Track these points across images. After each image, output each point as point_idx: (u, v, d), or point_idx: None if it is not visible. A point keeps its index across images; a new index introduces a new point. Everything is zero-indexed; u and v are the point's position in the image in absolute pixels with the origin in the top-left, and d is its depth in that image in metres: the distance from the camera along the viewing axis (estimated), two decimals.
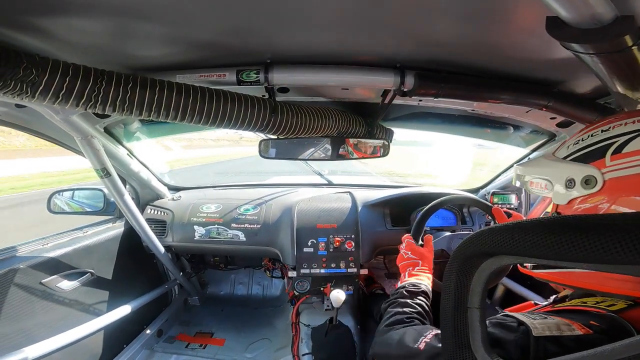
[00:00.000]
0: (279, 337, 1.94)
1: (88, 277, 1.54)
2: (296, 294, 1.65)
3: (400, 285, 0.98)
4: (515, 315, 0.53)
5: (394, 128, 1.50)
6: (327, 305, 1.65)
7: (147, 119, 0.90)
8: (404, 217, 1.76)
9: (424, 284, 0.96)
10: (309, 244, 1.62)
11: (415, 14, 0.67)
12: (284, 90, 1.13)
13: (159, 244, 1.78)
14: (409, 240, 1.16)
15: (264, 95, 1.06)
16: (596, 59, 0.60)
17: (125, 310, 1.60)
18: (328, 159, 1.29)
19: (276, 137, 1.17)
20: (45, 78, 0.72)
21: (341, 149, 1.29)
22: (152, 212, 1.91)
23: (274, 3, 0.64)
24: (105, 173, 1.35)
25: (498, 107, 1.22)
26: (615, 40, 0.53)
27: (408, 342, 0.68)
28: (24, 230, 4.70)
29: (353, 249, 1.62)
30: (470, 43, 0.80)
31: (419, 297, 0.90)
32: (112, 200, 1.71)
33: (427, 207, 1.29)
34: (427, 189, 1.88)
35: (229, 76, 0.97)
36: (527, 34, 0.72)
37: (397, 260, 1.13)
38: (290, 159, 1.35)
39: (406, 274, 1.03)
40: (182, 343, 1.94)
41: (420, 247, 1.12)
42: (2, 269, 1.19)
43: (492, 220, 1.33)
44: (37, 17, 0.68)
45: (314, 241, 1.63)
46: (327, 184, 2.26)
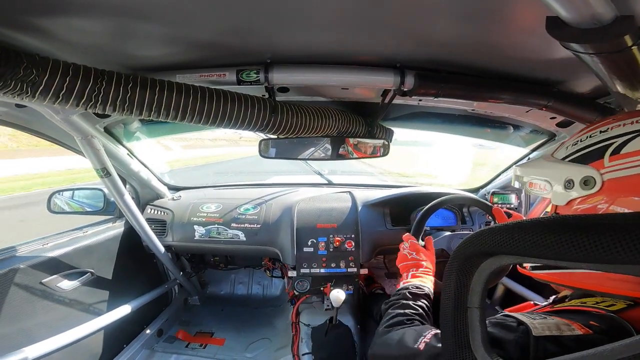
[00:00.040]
0: (279, 336, 1.94)
1: (88, 277, 1.54)
2: (296, 293, 1.65)
3: (402, 286, 0.96)
4: (515, 315, 0.53)
5: (394, 128, 1.50)
6: (327, 305, 1.65)
7: (147, 118, 0.90)
8: (404, 217, 1.76)
9: (427, 286, 0.94)
10: (309, 243, 1.62)
11: (415, 14, 0.67)
12: (284, 90, 1.13)
13: (159, 244, 1.77)
14: (412, 240, 1.13)
15: (264, 95, 1.06)
16: (596, 59, 0.60)
17: (126, 310, 1.60)
18: (328, 158, 1.29)
19: (276, 136, 1.17)
20: (46, 78, 0.72)
21: (341, 149, 1.29)
22: (152, 211, 1.91)
23: (274, 3, 0.64)
24: (105, 173, 1.35)
25: (498, 107, 1.22)
26: (615, 40, 0.53)
27: (408, 343, 0.68)
28: None
29: (353, 249, 1.62)
30: (470, 43, 0.80)
31: (422, 300, 0.88)
32: (112, 200, 1.71)
33: (427, 206, 1.29)
34: (427, 189, 1.88)
35: (229, 76, 0.97)
36: (527, 34, 0.72)
37: (399, 259, 1.11)
38: (290, 158, 1.35)
39: (409, 275, 1.00)
40: (182, 343, 1.94)
41: (424, 249, 1.10)
42: (3, 268, 1.19)
43: (493, 220, 1.33)
44: (38, 17, 0.68)
45: (314, 241, 1.63)
46: (327, 184, 2.26)
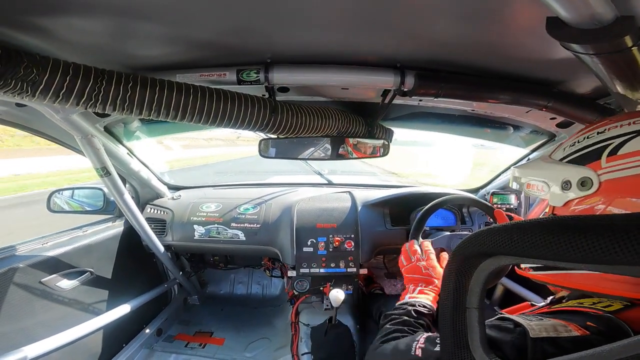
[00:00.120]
0: (279, 336, 1.94)
1: (88, 276, 1.54)
2: (296, 293, 1.65)
3: (407, 300, 0.89)
4: (512, 317, 0.53)
5: (394, 128, 1.50)
6: (327, 305, 1.65)
7: (147, 118, 0.91)
8: (404, 217, 1.76)
9: (433, 306, 0.87)
10: (309, 243, 1.62)
11: (415, 14, 0.67)
12: (284, 89, 1.13)
13: (158, 243, 1.78)
14: (432, 254, 1.03)
15: (264, 95, 1.06)
16: (596, 60, 0.60)
17: (125, 310, 1.60)
18: (328, 158, 1.29)
19: (276, 136, 1.17)
20: (46, 77, 0.72)
21: (341, 149, 1.29)
22: (152, 211, 1.91)
23: (274, 3, 0.64)
24: (105, 172, 1.35)
25: (498, 107, 1.22)
26: (615, 41, 0.53)
27: (402, 351, 0.65)
28: None
29: (353, 249, 1.62)
30: (471, 43, 0.80)
31: (425, 319, 0.82)
32: (111, 200, 1.71)
33: (427, 207, 1.29)
34: (427, 189, 1.88)
35: (229, 76, 0.97)
36: (527, 34, 0.72)
37: (409, 269, 1.03)
38: (290, 158, 1.34)
39: (416, 290, 0.93)
40: (182, 342, 1.94)
41: (439, 265, 1.01)
42: (2, 268, 1.19)
43: (493, 221, 1.33)
44: (38, 16, 0.68)
45: (314, 241, 1.63)
46: (327, 184, 2.26)
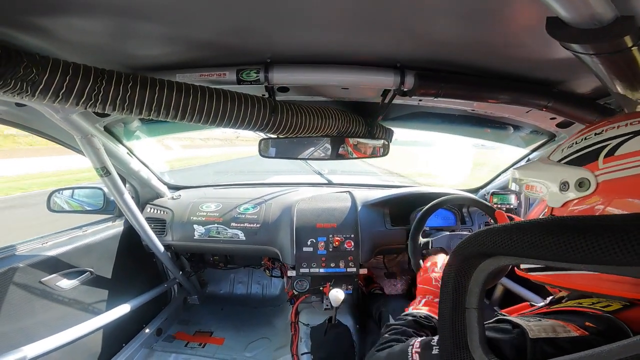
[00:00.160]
0: (278, 336, 1.94)
1: (87, 276, 1.54)
2: (295, 293, 1.65)
3: (410, 312, 0.88)
4: (510, 318, 0.53)
5: (394, 128, 1.50)
6: (327, 305, 1.66)
7: (147, 118, 0.90)
8: (404, 217, 1.76)
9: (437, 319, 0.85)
10: (309, 243, 1.62)
11: (415, 14, 0.67)
12: (284, 89, 1.13)
13: (158, 243, 1.78)
14: None
15: (264, 95, 1.06)
16: (596, 60, 0.60)
17: (125, 309, 1.60)
18: (328, 158, 1.29)
19: (276, 136, 1.17)
20: (46, 77, 0.72)
21: (341, 149, 1.29)
22: (151, 211, 1.91)
23: (274, 3, 0.64)
24: (105, 172, 1.35)
25: (498, 107, 1.22)
26: (615, 41, 0.53)
27: (398, 358, 0.64)
28: None
29: (352, 249, 1.62)
30: (471, 43, 0.80)
31: (426, 331, 0.81)
32: (111, 199, 1.71)
33: (427, 206, 1.29)
34: (427, 189, 1.89)
35: (229, 75, 0.97)
36: (527, 34, 0.72)
37: (422, 280, 1.01)
38: (290, 158, 1.34)
39: (422, 301, 0.92)
40: (182, 342, 1.94)
41: None
42: (2, 267, 1.19)
43: (494, 222, 1.33)
44: (38, 16, 0.68)
45: (314, 240, 1.63)
46: (327, 184, 2.26)
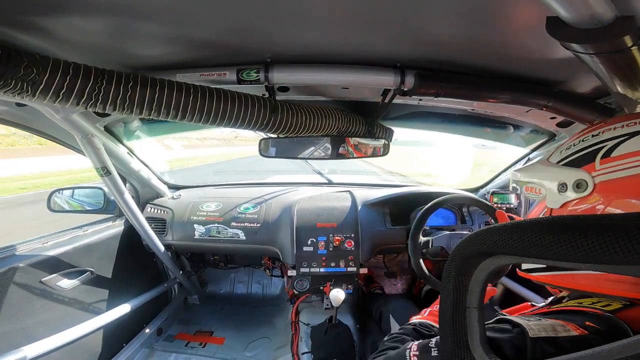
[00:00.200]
0: (279, 335, 1.94)
1: (88, 276, 1.54)
2: (296, 292, 1.65)
3: (413, 321, 0.87)
4: (510, 318, 0.53)
5: (394, 127, 1.49)
6: (327, 304, 1.66)
7: (148, 117, 0.91)
8: (404, 216, 1.76)
9: (436, 328, 0.82)
10: (309, 242, 1.63)
11: (415, 14, 0.67)
12: (284, 89, 1.13)
13: (158, 243, 1.78)
14: None
15: (264, 94, 1.06)
16: (596, 59, 0.60)
17: (125, 309, 1.61)
18: (328, 158, 1.29)
19: (276, 136, 1.17)
20: (46, 77, 0.72)
21: (341, 148, 1.29)
22: (152, 210, 1.91)
23: (274, 2, 0.64)
24: (105, 172, 1.35)
25: (498, 107, 1.22)
26: (615, 41, 0.53)
27: None
28: None
29: (353, 248, 1.62)
30: (471, 42, 0.80)
31: (425, 340, 0.78)
32: (112, 199, 1.72)
33: (427, 206, 1.29)
34: (427, 189, 1.89)
35: (229, 75, 0.97)
36: (527, 33, 0.72)
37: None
38: (290, 157, 1.34)
39: (427, 311, 0.92)
40: (182, 342, 1.94)
41: None
42: (2, 267, 1.19)
43: (494, 221, 1.33)
44: (38, 16, 0.68)
45: (314, 240, 1.63)
46: (327, 183, 2.26)
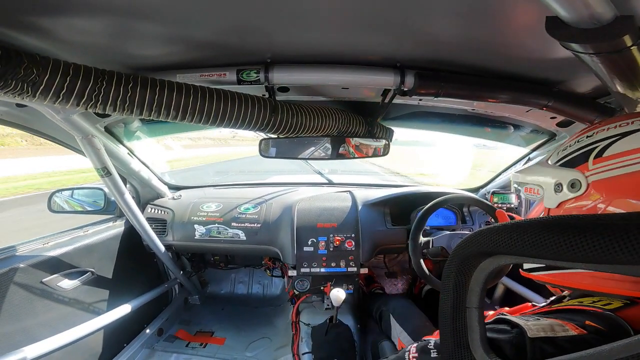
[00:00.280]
0: (279, 336, 1.94)
1: (88, 276, 1.54)
2: (296, 293, 1.66)
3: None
4: (509, 318, 0.53)
5: (394, 127, 1.50)
6: (327, 304, 1.66)
7: (148, 118, 0.91)
8: (404, 216, 1.76)
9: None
10: (309, 243, 1.63)
11: (415, 14, 0.67)
12: (284, 89, 1.13)
13: (159, 243, 1.78)
14: None
15: (264, 95, 1.06)
16: (596, 59, 0.60)
17: (126, 309, 1.61)
18: (328, 158, 1.29)
19: (276, 136, 1.17)
20: (46, 78, 0.72)
21: (341, 148, 1.29)
22: (152, 211, 1.91)
23: (274, 3, 0.64)
24: (105, 172, 1.35)
25: (498, 107, 1.22)
26: (615, 40, 0.53)
27: None
28: None
29: (353, 248, 1.62)
30: (471, 43, 0.80)
31: None
32: (112, 200, 1.72)
33: (427, 206, 1.29)
34: (427, 189, 1.89)
35: (229, 76, 0.97)
36: (527, 33, 0.72)
37: None
38: (290, 158, 1.34)
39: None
40: (183, 342, 1.94)
41: None
42: (3, 268, 1.19)
43: (495, 221, 1.33)
44: (38, 17, 0.68)
45: (314, 240, 1.63)
46: (328, 183, 2.27)
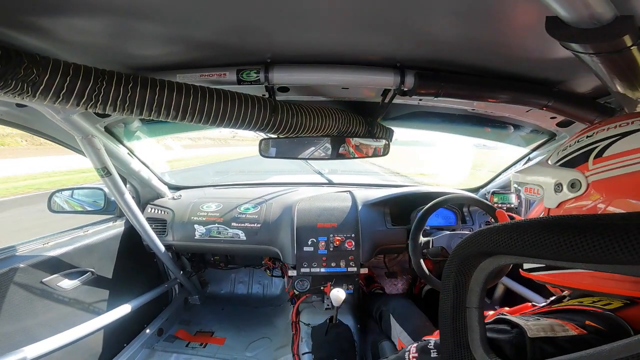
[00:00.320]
0: (279, 336, 1.94)
1: (89, 276, 1.54)
2: (296, 293, 1.66)
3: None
4: (509, 318, 0.53)
5: (394, 127, 1.50)
6: (327, 304, 1.66)
7: (148, 118, 0.91)
8: (404, 216, 1.76)
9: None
10: (309, 243, 1.63)
11: (415, 14, 0.67)
12: (284, 89, 1.13)
13: (159, 243, 1.78)
14: None
15: (264, 95, 1.06)
16: (596, 59, 0.60)
17: (126, 309, 1.61)
18: (328, 158, 1.29)
19: (276, 136, 1.17)
20: (46, 78, 0.72)
21: (341, 148, 1.29)
22: (152, 211, 1.91)
23: (274, 3, 0.64)
24: (105, 172, 1.35)
25: (498, 107, 1.22)
26: (615, 40, 0.53)
27: None
28: None
29: (353, 248, 1.62)
30: (470, 42, 0.80)
31: None
32: (112, 200, 1.72)
33: (427, 206, 1.29)
34: (427, 189, 1.89)
35: (229, 76, 0.97)
36: (527, 33, 0.72)
37: None
38: (290, 158, 1.34)
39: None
40: (183, 342, 1.95)
41: None
42: (3, 268, 1.19)
43: (495, 221, 1.33)
44: (38, 16, 0.68)
45: (314, 240, 1.63)
46: (328, 183, 2.27)
